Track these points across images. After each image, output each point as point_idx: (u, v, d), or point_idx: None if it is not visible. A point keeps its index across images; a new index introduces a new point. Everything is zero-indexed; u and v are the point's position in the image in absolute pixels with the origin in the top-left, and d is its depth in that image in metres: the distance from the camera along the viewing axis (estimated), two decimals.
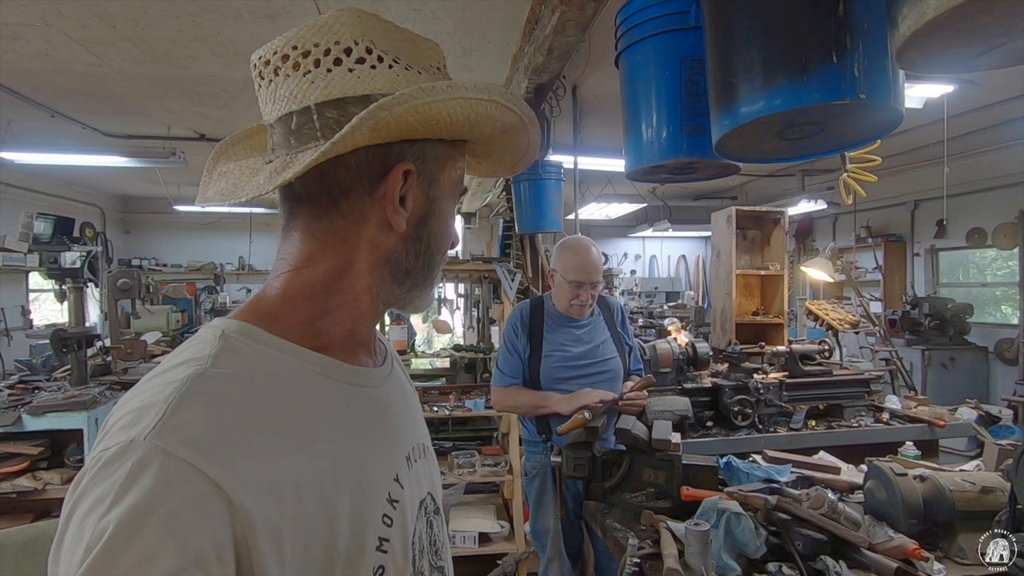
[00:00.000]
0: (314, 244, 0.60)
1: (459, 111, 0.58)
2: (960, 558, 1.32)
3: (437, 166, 0.63)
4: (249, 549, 0.45)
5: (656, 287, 8.64)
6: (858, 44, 0.96)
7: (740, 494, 1.47)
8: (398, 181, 0.59)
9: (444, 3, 2.69)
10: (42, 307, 6.96)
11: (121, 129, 4.60)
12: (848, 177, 2.08)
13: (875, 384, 2.86)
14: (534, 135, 0.68)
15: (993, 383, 5.55)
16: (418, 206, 0.62)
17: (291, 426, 0.53)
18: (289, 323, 0.58)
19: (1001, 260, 5.99)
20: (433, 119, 0.57)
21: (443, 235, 0.66)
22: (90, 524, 0.42)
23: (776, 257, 3.54)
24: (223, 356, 0.53)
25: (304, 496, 0.50)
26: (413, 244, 0.63)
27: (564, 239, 2.16)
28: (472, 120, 0.60)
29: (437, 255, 0.66)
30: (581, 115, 3.82)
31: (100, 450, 0.46)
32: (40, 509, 2.76)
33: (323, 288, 0.60)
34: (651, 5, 1.50)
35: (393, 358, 0.74)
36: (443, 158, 0.64)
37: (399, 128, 0.56)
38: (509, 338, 2.09)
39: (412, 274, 0.64)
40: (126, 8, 2.65)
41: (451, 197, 0.66)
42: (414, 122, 0.56)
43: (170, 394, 0.48)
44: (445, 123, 0.59)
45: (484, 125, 0.62)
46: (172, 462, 0.44)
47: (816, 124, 1.18)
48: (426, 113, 0.56)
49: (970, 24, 0.66)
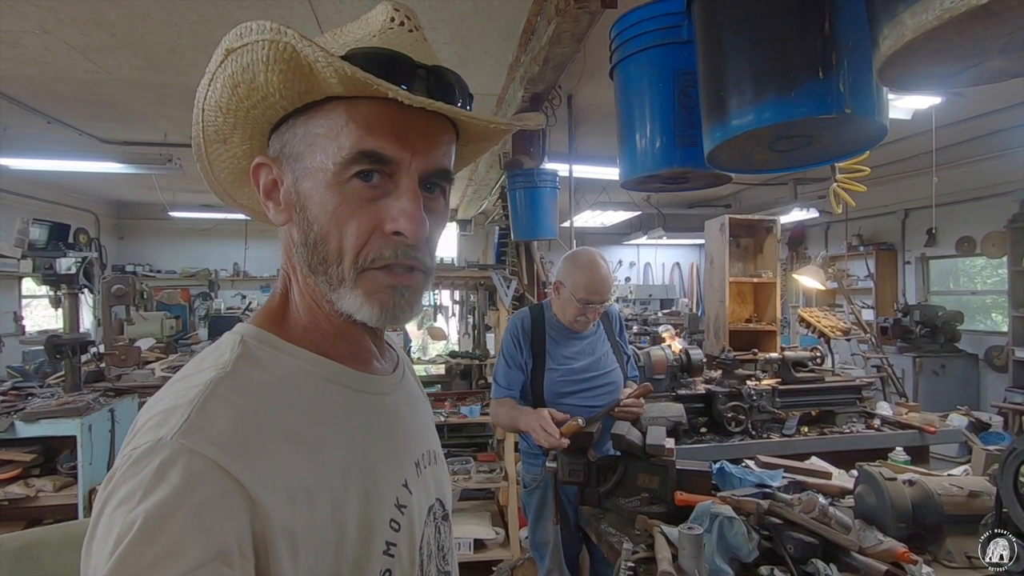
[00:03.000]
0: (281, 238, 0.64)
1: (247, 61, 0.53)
2: (948, 561, 1.34)
3: (302, 143, 0.57)
4: (267, 547, 0.47)
5: (650, 294, 8.68)
6: (843, 61, 0.99)
7: (733, 499, 1.49)
8: (259, 176, 0.61)
9: (441, 14, 2.73)
10: (33, 313, 6.91)
11: (118, 136, 4.60)
12: (838, 187, 2.12)
13: (866, 391, 2.89)
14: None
15: (983, 390, 5.60)
16: (289, 195, 0.58)
17: (304, 432, 0.54)
18: (297, 329, 0.61)
19: (990, 268, 6.07)
20: (243, 86, 0.55)
21: (324, 219, 0.56)
22: (120, 517, 0.43)
23: (769, 265, 3.57)
24: (242, 362, 0.55)
25: (315, 501, 0.52)
26: (302, 235, 0.58)
27: (574, 252, 2.10)
28: (286, 75, 0.52)
29: (325, 244, 0.56)
30: (576, 124, 3.86)
31: (130, 449, 0.48)
32: (32, 516, 2.74)
33: (294, 289, 0.62)
34: (645, 19, 1.54)
35: (405, 365, 0.75)
36: (309, 132, 0.57)
37: (245, 122, 0.59)
38: (509, 350, 2.04)
39: (318, 270, 0.57)
40: (126, 16, 2.67)
41: (324, 172, 0.55)
42: (239, 106, 0.57)
43: (194, 397, 0.50)
44: (258, 88, 0.54)
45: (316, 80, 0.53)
46: (198, 459, 0.46)
47: (804, 137, 1.21)
48: (234, 81, 0.55)
49: (947, 45, 0.69)
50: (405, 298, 0.58)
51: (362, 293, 0.57)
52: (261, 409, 0.53)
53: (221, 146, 0.63)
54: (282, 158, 0.59)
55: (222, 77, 0.55)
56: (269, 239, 8.26)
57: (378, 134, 0.55)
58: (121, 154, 4.62)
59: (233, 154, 0.64)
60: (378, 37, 0.59)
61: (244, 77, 0.54)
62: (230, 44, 0.53)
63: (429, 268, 0.61)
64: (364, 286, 0.57)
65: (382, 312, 0.57)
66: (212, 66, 0.56)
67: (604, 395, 2.00)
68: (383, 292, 0.57)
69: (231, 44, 0.53)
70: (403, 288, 0.58)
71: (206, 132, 0.61)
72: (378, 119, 0.55)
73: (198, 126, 0.61)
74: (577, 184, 4.14)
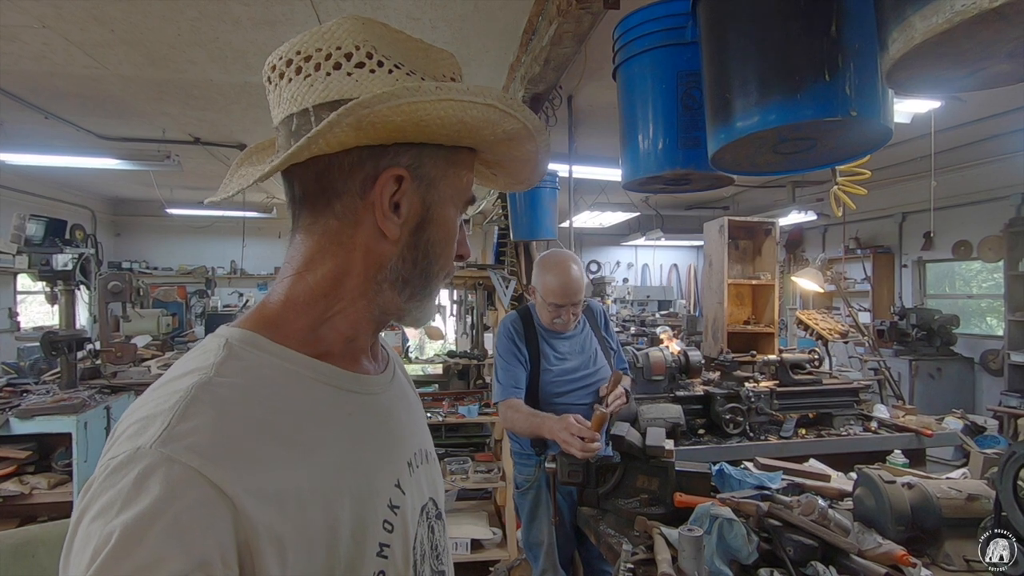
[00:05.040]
0: (312, 246, 0.60)
1: (450, 113, 0.56)
2: (946, 564, 1.34)
3: (437, 172, 0.61)
4: (252, 554, 0.46)
5: (648, 295, 8.68)
6: (849, 63, 0.99)
7: (732, 500, 1.49)
8: (388, 186, 0.58)
9: (442, 13, 2.73)
10: (28, 309, 6.88)
11: (116, 132, 4.58)
12: (839, 190, 2.12)
13: (864, 393, 2.90)
14: (542, 143, 0.65)
15: (979, 393, 5.63)
16: (413, 212, 0.61)
17: (293, 434, 0.54)
18: (291, 330, 0.59)
19: (986, 272, 6.10)
20: (422, 121, 0.56)
21: (442, 243, 0.63)
22: (97, 529, 0.43)
23: (767, 267, 3.58)
24: (227, 365, 0.54)
25: (306, 504, 0.51)
26: (410, 252, 0.61)
27: (543, 256, 2.13)
28: (468, 124, 0.58)
29: (435, 265, 0.63)
30: (576, 125, 3.86)
31: (108, 458, 0.47)
32: (26, 514, 2.73)
33: (323, 293, 0.60)
34: (648, 20, 1.54)
35: (396, 364, 0.75)
36: (444, 164, 0.62)
37: (387, 129, 0.55)
38: (507, 349, 2.04)
39: (410, 283, 0.62)
40: (126, 12, 2.66)
41: (453, 205, 0.64)
42: (402, 123, 0.55)
43: (175, 403, 0.49)
44: (436, 126, 0.57)
45: (483, 130, 0.60)
46: (177, 468, 0.45)
47: (809, 139, 1.21)
48: (412, 114, 0.54)
49: (955, 48, 0.69)
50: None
51: (433, 304, 0.67)
52: (247, 412, 0.52)
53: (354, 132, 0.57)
54: (414, 176, 0.60)
55: (459, 107, 0.56)
56: (267, 237, 8.23)
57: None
58: (119, 150, 4.59)
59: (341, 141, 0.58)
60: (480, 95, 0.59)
61: (477, 121, 0.58)
62: (500, 105, 0.57)
63: None
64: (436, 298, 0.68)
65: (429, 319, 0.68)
66: (461, 96, 0.55)
67: (593, 393, 2.01)
68: None
69: (500, 105, 0.57)
70: None
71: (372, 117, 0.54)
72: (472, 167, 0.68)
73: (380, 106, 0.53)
74: (576, 185, 4.15)
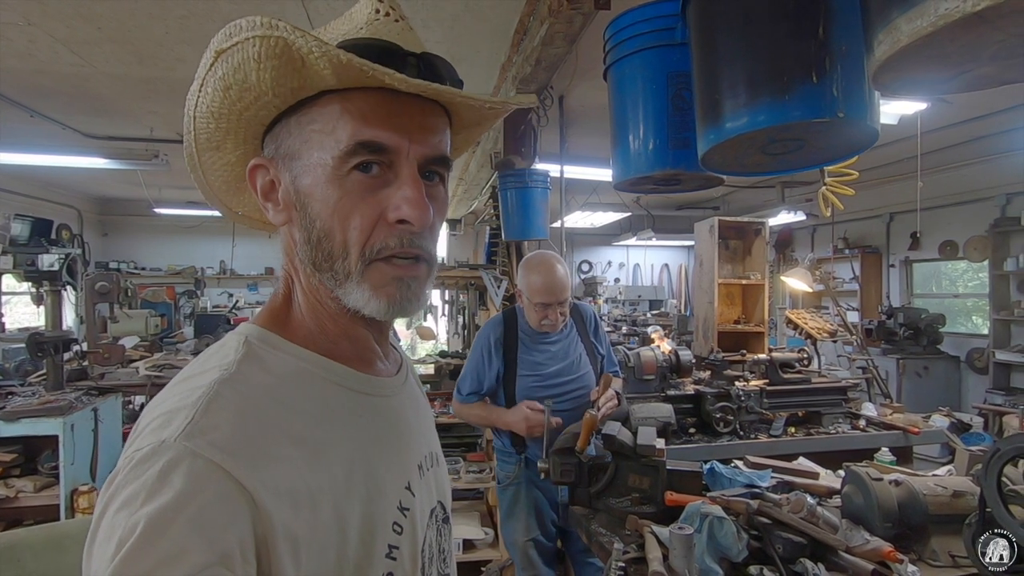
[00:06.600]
0: (281, 239, 0.63)
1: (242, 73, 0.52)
2: (933, 560, 1.36)
3: (294, 141, 0.56)
4: (269, 550, 0.47)
5: (639, 295, 8.71)
6: (837, 66, 1.01)
7: (723, 499, 1.50)
8: (256, 179, 0.60)
9: (434, 13, 2.72)
10: (13, 310, 6.79)
11: (103, 130, 4.53)
12: (827, 190, 2.14)
13: (852, 392, 2.93)
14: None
15: (965, 391, 5.71)
16: (286, 193, 0.58)
17: (307, 434, 0.54)
18: (300, 329, 0.60)
19: (972, 272, 6.18)
20: (235, 88, 0.53)
21: (327, 215, 0.55)
22: (122, 520, 0.43)
23: (757, 267, 3.60)
24: (246, 363, 0.55)
25: (318, 504, 0.51)
26: (303, 232, 0.58)
27: (527, 258, 2.13)
28: (279, 69, 0.51)
29: (330, 239, 0.56)
30: (568, 125, 3.87)
31: (132, 451, 0.47)
32: (12, 518, 2.69)
33: (296, 290, 0.62)
34: (639, 21, 1.54)
35: (408, 368, 0.74)
36: (297, 128, 0.56)
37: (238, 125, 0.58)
38: (477, 360, 2.06)
39: (320, 266, 0.57)
40: (112, 9, 2.63)
41: (333, 164, 0.54)
42: (235, 105, 0.55)
43: (198, 398, 0.49)
44: (251, 88, 0.54)
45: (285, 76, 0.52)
46: (201, 463, 0.45)
47: (797, 140, 1.23)
48: (225, 83, 0.53)
49: (940, 51, 0.70)
50: (412, 289, 0.58)
51: (369, 287, 0.56)
52: (265, 411, 0.52)
53: (215, 154, 0.62)
54: (278, 158, 0.58)
55: (212, 81, 0.54)
56: (257, 237, 8.17)
57: (374, 124, 0.54)
58: (106, 149, 4.54)
59: (227, 161, 0.63)
60: (365, 29, 0.58)
61: (236, 78, 0.53)
62: (219, 45, 0.51)
63: (433, 257, 0.60)
64: (371, 279, 0.56)
65: (389, 305, 0.57)
66: (201, 71, 0.54)
67: (577, 398, 2.01)
68: (390, 285, 0.56)
69: (220, 45, 0.51)
70: (409, 279, 0.57)
71: (198, 140, 0.60)
72: (373, 109, 0.54)
73: (190, 135, 0.60)
74: (567, 185, 4.15)
